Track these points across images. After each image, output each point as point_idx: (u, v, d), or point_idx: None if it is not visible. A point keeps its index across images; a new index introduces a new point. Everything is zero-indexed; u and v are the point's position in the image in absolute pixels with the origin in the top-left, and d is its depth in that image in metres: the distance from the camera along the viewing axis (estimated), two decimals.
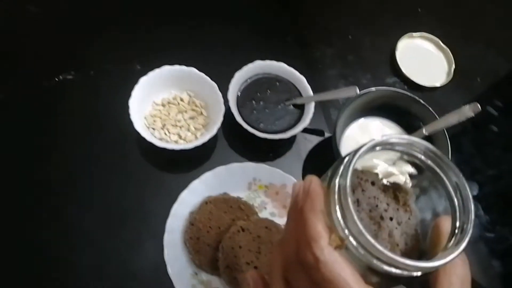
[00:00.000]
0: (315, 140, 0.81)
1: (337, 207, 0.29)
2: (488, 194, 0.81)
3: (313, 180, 0.32)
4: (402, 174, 0.35)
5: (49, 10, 0.88)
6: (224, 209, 0.69)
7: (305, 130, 0.78)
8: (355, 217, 0.28)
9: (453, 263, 0.31)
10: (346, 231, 0.29)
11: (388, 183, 0.35)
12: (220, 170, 0.71)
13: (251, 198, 0.72)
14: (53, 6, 0.88)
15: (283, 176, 0.73)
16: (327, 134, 0.82)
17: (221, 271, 0.64)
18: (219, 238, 0.66)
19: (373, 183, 0.34)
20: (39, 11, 0.87)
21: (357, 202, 0.33)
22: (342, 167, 0.31)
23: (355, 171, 0.33)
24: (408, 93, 0.73)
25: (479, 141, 0.87)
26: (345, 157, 0.32)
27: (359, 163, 0.33)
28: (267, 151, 0.78)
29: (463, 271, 0.31)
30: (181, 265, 0.66)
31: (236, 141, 0.79)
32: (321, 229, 0.30)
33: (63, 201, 0.70)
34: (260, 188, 0.73)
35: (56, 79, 0.80)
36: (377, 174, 0.35)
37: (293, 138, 0.80)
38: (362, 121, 0.77)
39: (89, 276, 0.66)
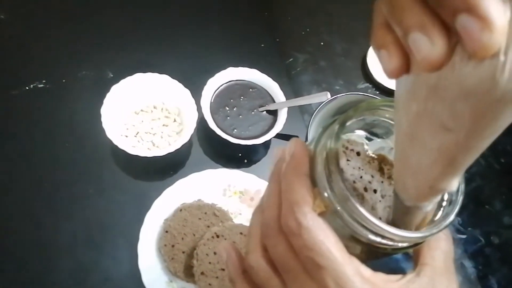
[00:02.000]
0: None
1: (323, 172, 0.28)
2: None
3: (298, 143, 0.31)
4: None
5: (20, 17, 0.87)
6: (198, 216, 0.69)
7: (280, 136, 0.78)
8: (342, 182, 0.27)
9: (437, 238, 0.30)
10: (332, 197, 0.27)
11: (373, 155, 0.33)
12: (194, 176, 0.71)
13: (226, 204, 0.72)
14: (24, 14, 0.87)
15: (257, 182, 0.73)
16: (301, 139, 0.82)
17: (196, 278, 0.64)
18: (194, 245, 0.66)
19: (358, 154, 0.33)
20: (9, 19, 0.86)
21: (341, 172, 0.31)
22: (331, 129, 0.29)
23: (341, 139, 0.32)
24: (378, 98, 0.75)
25: None
26: (334, 120, 0.30)
27: (345, 132, 0.32)
28: (241, 157, 0.78)
29: (446, 246, 0.31)
30: (156, 273, 0.65)
31: (210, 148, 0.79)
32: (304, 193, 0.28)
33: (37, 211, 0.69)
34: (235, 194, 0.73)
35: (27, 88, 0.78)
36: (363, 144, 0.33)
37: (267, 144, 0.80)
38: None
39: (65, 285, 0.65)
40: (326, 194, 0.28)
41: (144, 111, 0.76)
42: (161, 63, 0.80)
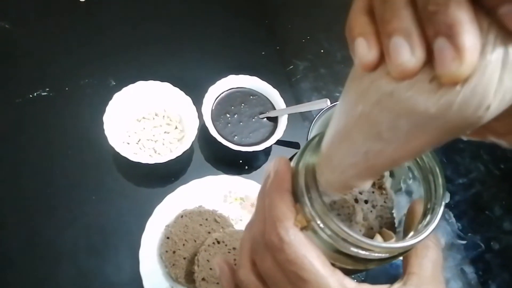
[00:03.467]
0: (289, 152, 0.82)
1: (303, 187, 0.29)
2: (459, 202, 0.83)
3: (282, 160, 0.31)
4: None
5: (24, 27, 0.88)
6: (199, 222, 0.69)
7: (280, 143, 0.79)
8: (321, 198, 0.27)
9: (425, 246, 0.30)
10: (313, 212, 0.28)
11: None
12: (195, 183, 0.72)
13: (226, 210, 0.72)
14: (28, 23, 0.88)
15: (258, 188, 0.73)
16: (302, 146, 0.83)
17: (197, 284, 0.64)
18: (195, 251, 0.67)
19: None
20: (13, 28, 0.87)
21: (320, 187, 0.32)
22: (311, 146, 0.30)
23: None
24: None
25: (449, 150, 0.89)
26: (315, 137, 0.31)
27: None
28: (242, 164, 0.79)
29: (435, 254, 0.31)
30: (157, 279, 0.66)
31: (211, 154, 0.79)
32: (286, 209, 0.29)
33: (39, 218, 0.70)
34: (236, 200, 0.74)
35: (30, 96, 0.79)
36: None
37: (268, 150, 0.81)
38: None
39: None
40: (306, 209, 0.28)
41: (146, 118, 0.77)
42: (162, 71, 0.81)
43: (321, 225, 0.27)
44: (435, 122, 0.19)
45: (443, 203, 0.29)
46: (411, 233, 0.29)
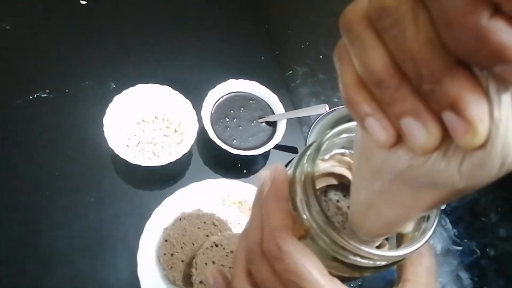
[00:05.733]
0: (288, 156, 0.83)
1: (302, 196, 0.28)
2: (455, 208, 0.83)
3: (278, 168, 0.31)
4: None
5: (24, 29, 0.88)
6: (197, 225, 0.69)
7: (279, 147, 0.80)
8: (319, 206, 0.27)
9: (420, 254, 0.31)
10: (311, 220, 0.28)
11: None
12: (194, 186, 0.72)
13: (225, 213, 0.73)
14: (28, 25, 0.89)
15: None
16: (300, 151, 0.83)
17: (195, 287, 0.64)
18: (193, 254, 0.67)
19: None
20: (14, 30, 0.87)
21: (325, 192, 0.32)
22: (307, 154, 0.30)
23: (323, 159, 0.32)
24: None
25: None
26: (311, 144, 0.31)
27: (325, 153, 0.32)
28: (240, 168, 0.79)
29: (429, 262, 0.31)
30: (155, 282, 0.66)
31: (210, 158, 0.80)
32: (284, 219, 0.29)
33: (37, 219, 0.70)
34: (234, 204, 0.74)
35: (31, 97, 0.80)
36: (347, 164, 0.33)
37: (266, 155, 0.81)
38: None
39: None
40: (305, 218, 0.28)
41: (145, 121, 0.77)
42: (162, 74, 0.81)
43: (320, 234, 0.27)
44: (461, 187, 0.19)
45: (439, 211, 0.29)
46: (407, 241, 0.30)
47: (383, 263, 0.28)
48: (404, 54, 0.17)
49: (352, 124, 0.30)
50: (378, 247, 0.32)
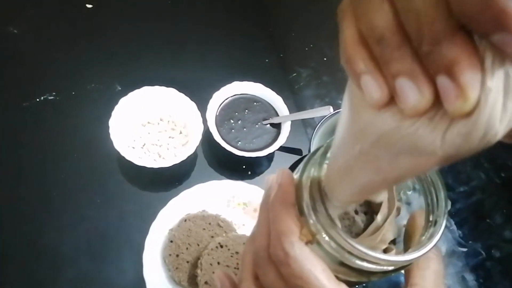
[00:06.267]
0: (292, 158, 0.83)
1: (308, 200, 0.28)
2: (460, 210, 0.83)
3: (285, 173, 0.31)
4: None
5: (31, 32, 0.89)
6: (203, 226, 0.70)
7: (283, 149, 0.80)
8: (326, 211, 0.27)
9: (427, 258, 0.31)
10: (318, 225, 0.28)
11: None
12: (199, 187, 0.73)
13: (229, 215, 0.73)
14: (35, 29, 0.90)
15: (261, 194, 0.74)
16: (304, 152, 0.84)
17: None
18: (198, 254, 0.67)
19: None
20: (21, 33, 0.88)
21: (326, 200, 0.32)
22: (314, 159, 0.30)
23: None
24: None
25: None
26: (318, 149, 0.31)
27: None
28: (245, 169, 0.80)
29: (437, 266, 0.31)
30: (160, 282, 0.66)
31: (215, 160, 0.80)
32: (291, 223, 0.29)
33: (44, 220, 0.70)
34: (239, 205, 0.75)
35: (37, 100, 0.80)
36: None
37: (271, 156, 0.82)
38: None
39: None
40: (312, 223, 0.28)
41: (151, 123, 0.78)
42: (168, 76, 0.82)
43: (327, 239, 0.27)
44: (440, 155, 0.19)
45: (446, 216, 0.29)
46: (414, 245, 0.29)
47: (391, 267, 0.28)
48: (409, 11, 0.17)
49: None
50: (385, 251, 0.32)
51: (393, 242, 0.33)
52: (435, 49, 0.17)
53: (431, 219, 0.30)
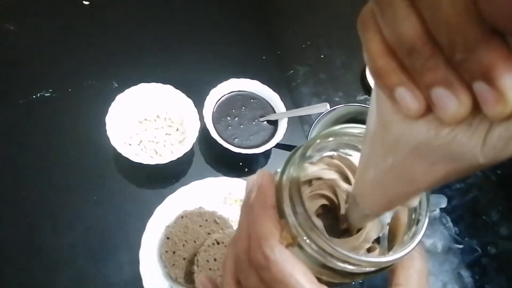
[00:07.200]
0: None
1: (288, 202, 0.28)
2: (456, 207, 0.84)
3: (265, 174, 0.30)
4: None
5: (28, 29, 0.89)
6: (199, 223, 0.70)
7: (280, 146, 0.80)
8: (306, 213, 0.26)
9: (411, 257, 0.30)
10: (298, 228, 0.27)
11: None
12: (195, 184, 0.73)
13: (226, 211, 0.73)
14: (32, 25, 0.89)
15: None
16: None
17: (197, 284, 0.65)
18: (194, 251, 0.67)
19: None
20: (17, 30, 0.88)
21: (304, 202, 0.32)
22: (293, 159, 0.29)
23: (312, 162, 0.32)
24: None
25: None
26: (296, 149, 0.30)
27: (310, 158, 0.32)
28: (242, 166, 0.80)
29: (420, 264, 0.31)
30: (157, 279, 0.66)
31: (212, 157, 0.80)
32: (271, 226, 0.28)
33: (40, 218, 0.70)
34: (236, 202, 0.75)
35: (34, 96, 0.80)
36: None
37: (267, 153, 0.82)
38: None
39: None
40: (292, 225, 0.27)
41: (147, 120, 0.78)
42: (164, 73, 0.82)
43: (308, 241, 0.27)
44: (480, 160, 0.18)
45: (428, 215, 0.29)
46: (397, 245, 0.29)
47: (374, 268, 0.28)
48: (438, 21, 0.16)
49: (340, 127, 0.30)
50: (368, 250, 0.31)
51: (377, 240, 0.32)
52: (469, 56, 0.16)
53: (413, 217, 0.29)
